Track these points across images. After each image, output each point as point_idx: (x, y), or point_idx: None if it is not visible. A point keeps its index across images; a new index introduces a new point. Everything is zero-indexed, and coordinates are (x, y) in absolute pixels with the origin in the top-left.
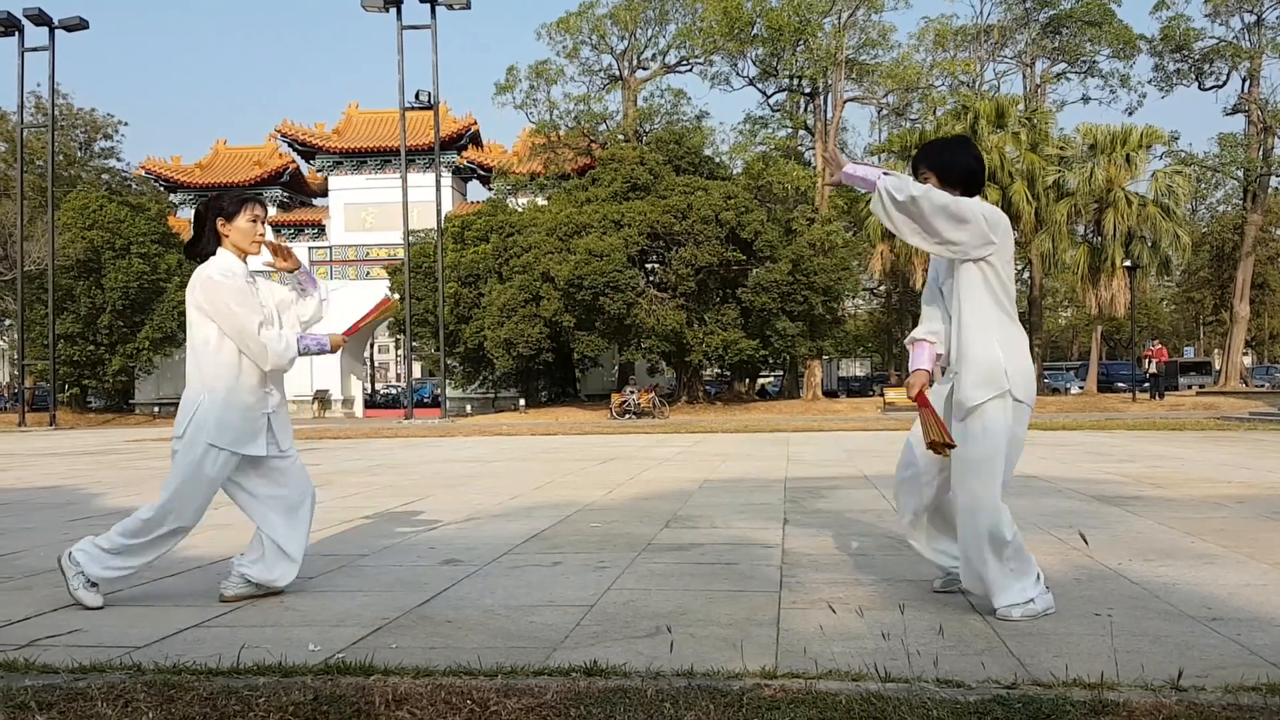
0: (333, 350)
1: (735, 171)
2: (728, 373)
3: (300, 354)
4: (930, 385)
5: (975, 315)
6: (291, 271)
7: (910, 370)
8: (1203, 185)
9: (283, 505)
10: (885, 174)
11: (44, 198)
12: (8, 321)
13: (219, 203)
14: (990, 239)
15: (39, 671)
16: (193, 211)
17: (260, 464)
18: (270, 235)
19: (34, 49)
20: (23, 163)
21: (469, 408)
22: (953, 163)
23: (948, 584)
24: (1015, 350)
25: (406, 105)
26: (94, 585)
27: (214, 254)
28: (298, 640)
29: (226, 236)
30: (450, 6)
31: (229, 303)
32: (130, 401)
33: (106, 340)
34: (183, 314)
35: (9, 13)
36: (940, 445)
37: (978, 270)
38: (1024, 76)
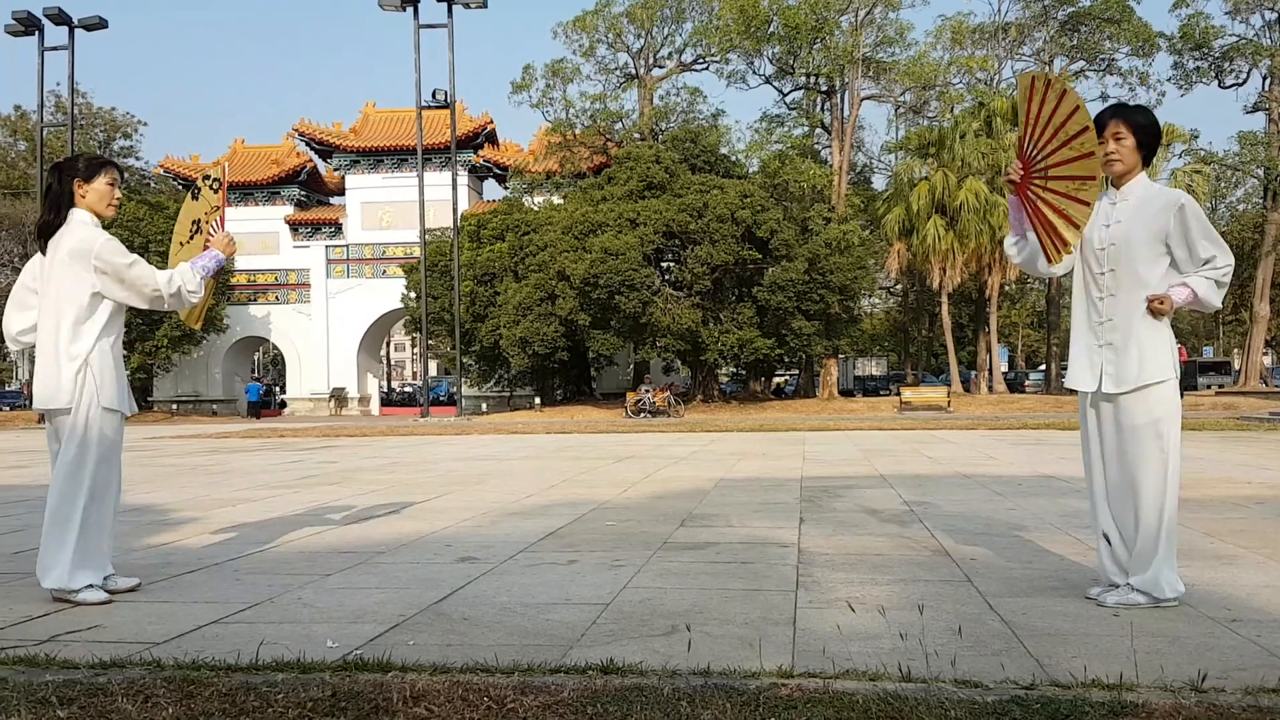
0: (226, 257)
1: (751, 170)
2: (743, 371)
3: (200, 277)
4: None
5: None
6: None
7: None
8: (1222, 184)
9: None
10: (1201, 282)
11: None
12: None
13: (74, 165)
14: None
15: (60, 667)
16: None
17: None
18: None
19: (54, 48)
20: (43, 161)
21: (484, 406)
22: (1148, 124)
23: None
24: None
25: (423, 104)
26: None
27: (64, 220)
28: (316, 637)
29: (83, 198)
30: (467, 5)
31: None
32: (149, 399)
33: (125, 338)
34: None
35: (29, 12)
36: None
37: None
38: None
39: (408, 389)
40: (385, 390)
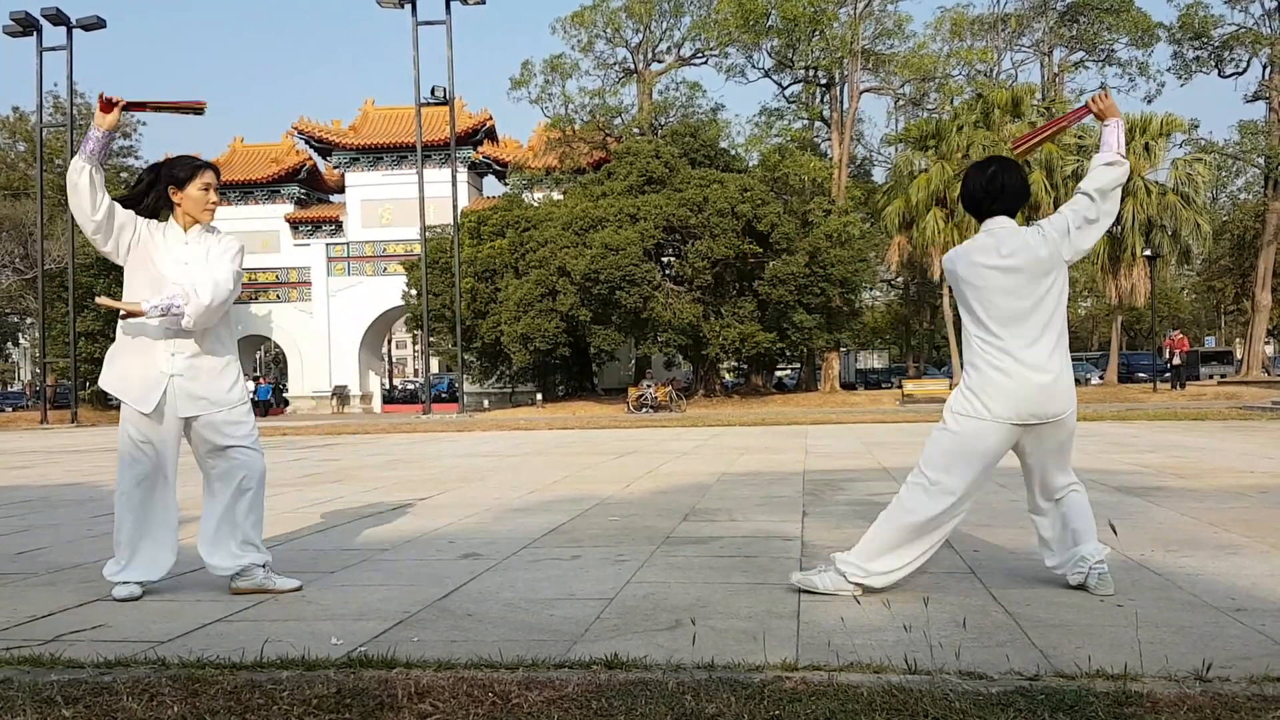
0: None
1: (751, 164)
2: (745, 366)
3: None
4: None
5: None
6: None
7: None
8: (1223, 173)
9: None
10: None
11: (63, 197)
12: (29, 320)
13: (170, 169)
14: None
15: (65, 666)
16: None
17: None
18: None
19: (52, 48)
20: (42, 162)
21: (486, 402)
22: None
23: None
24: None
25: (422, 101)
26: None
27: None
28: (320, 634)
29: (178, 205)
30: (465, 1)
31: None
32: None
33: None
34: None
35: (27, 12)
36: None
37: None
38: (1042, 65)
39: (409, 386)
40: (387, 388)
